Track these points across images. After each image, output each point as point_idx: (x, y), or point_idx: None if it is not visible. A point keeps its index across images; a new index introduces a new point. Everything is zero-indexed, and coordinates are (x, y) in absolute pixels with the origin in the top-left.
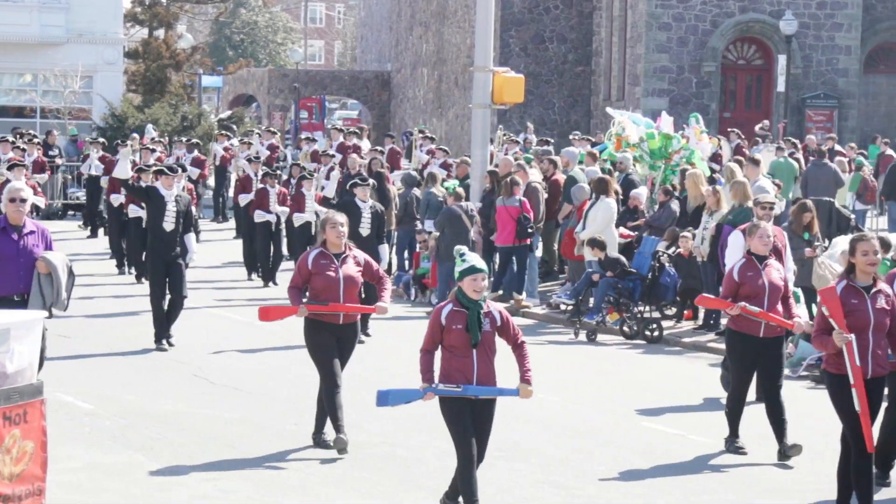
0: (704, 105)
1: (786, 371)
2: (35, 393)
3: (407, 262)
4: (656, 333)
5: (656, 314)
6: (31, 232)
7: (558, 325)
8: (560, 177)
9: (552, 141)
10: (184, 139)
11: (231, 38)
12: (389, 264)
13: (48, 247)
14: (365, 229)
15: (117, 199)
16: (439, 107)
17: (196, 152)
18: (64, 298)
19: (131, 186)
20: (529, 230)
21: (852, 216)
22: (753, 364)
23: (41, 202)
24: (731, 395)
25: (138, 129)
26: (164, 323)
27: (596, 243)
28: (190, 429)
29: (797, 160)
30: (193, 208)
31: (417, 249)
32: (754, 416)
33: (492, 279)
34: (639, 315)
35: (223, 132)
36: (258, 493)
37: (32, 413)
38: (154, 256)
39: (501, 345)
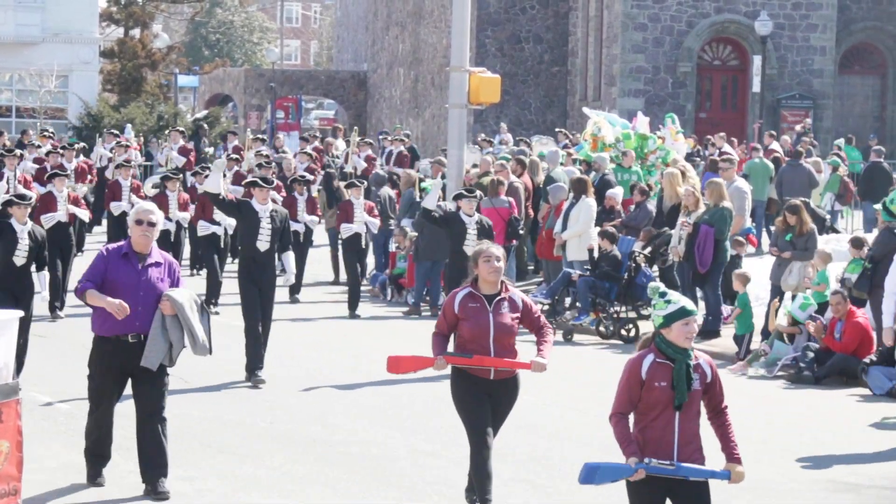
0: (680, 105)
1: (761, 371)
2: (11, 392)
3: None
4: (632, 333)
5: (632, 314)
6: (157, 263)
7: None
8: (527, 178)
9: (530, 142)
10: (180, 129)
11: (207, 38)
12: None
13: (175, 283)
14: (470, 247)
15: (118, 207)
16: (416, 107)
17: (181, 141)
18: (202, 340)
19: (222, 201)
20: (521, 231)
21: (827, 216)
22: None
23: (85, 216)
24: None
25: (116, 129)
26: (258, 352)
27: (607, 234)
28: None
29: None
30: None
31: (393, 249)
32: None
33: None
34: (615, 315)
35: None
36: (234, 491)
37: (8, 413)
38: (246, 279)
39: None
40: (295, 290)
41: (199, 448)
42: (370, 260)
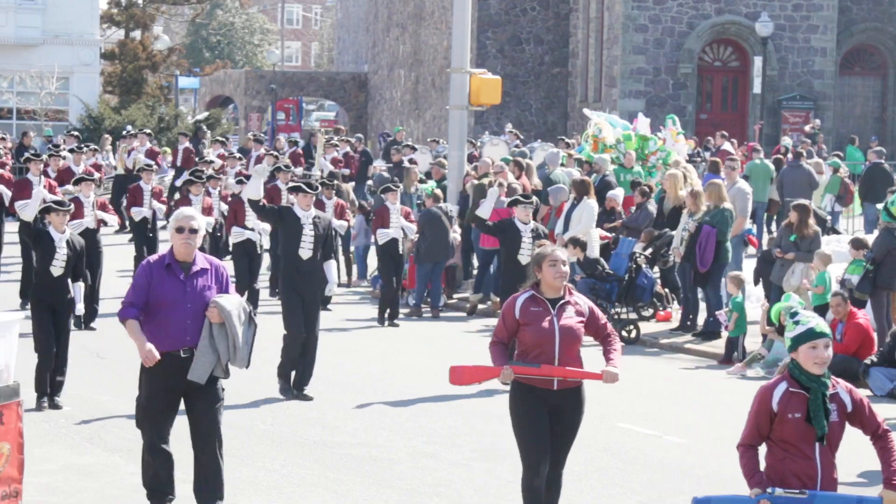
0: (681, 107)
1: (762, 372)
2: (11, 394)
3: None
4: (633, 335)
5: (633, 315)
6: (203, 270)
7: None
8: (525, 180)
9: (535, 145)
10: (146, 131)
11: (208, 40)
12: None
13: (223, 288)
14: (525, 255)
15: (139, 212)
16: (416, 108)
17: (148, 144)
18: (244, 353)
19: (262, 208)
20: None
21: (828, 217)
22: None
23: (114, 221)
24: None
25: (115, 131)
26: (299, 369)
27: (577, 242)
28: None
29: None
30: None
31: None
32: (721, 416)
33: (472, 280)
34: (616, 316)
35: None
36: (234, 493)
37: (9, 415)
38: (289, 289)
39: None
40: (327, 298)
41: None
42: (371, 261)
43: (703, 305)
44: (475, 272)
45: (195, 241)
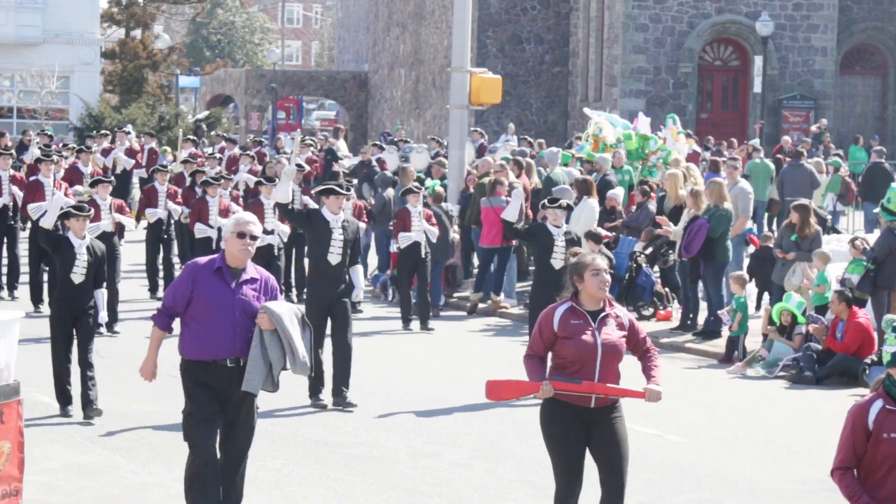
0: (681, 106)
1: (762, 372)
2: (12, 393)
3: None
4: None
5: (633, 315)
6: (253, 279)
7: None
8: (526, 179)
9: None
10: (126, 130)
11: (208, 39)
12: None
13: (272, 299)
14: (558, 261)
15: (154, 213)
16: (417, 107)
17: (128, 143)
18: (303, 357)
19: (291, 211)
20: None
21: (829, 217)
22: None
23: (131, 223)
24: None
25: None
26: (334, 379)
27: (592, 236)
28: (167, 429)
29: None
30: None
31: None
32: (721, 416)
33: (472, 280)
34: None
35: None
36: None
37: (9, 413)
38: (316, 295)
39: None
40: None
41: None
42: (372, 261)
43: (703, 305)
44: (475, 271)
45: (253, 248)
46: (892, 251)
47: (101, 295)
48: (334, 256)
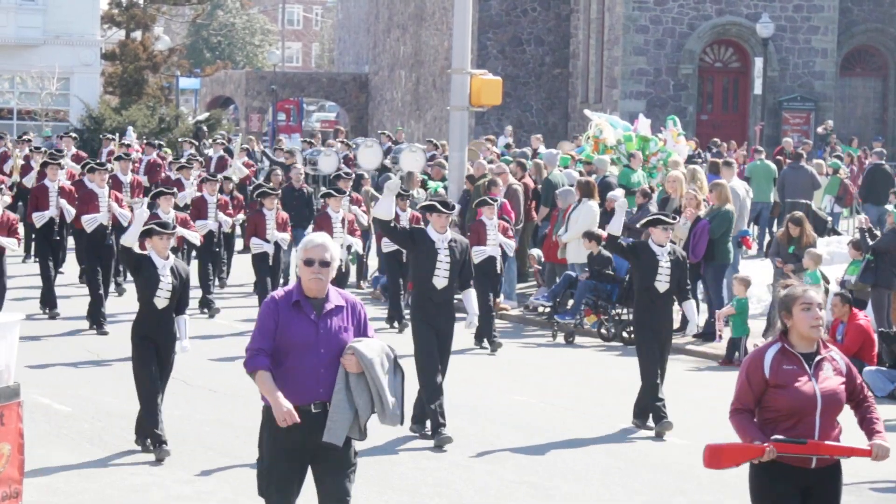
0: (682, 107)
1: None
2: (12, 395)
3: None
4: (634, 336)
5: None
6: (338, 308)
7: (536, 328)
8: (529, 180)
9: (538, 144)
10: (109, 136)
11: (208, 40)
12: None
13: (362, 330)
14: (662, 283)
15: (204, 225)
16: (417, 109)
17: (111, 146)
18: (392, 406)
19: (393, 229)
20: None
21: (829, 219)
22: None
23: (196, 238)
24: None
25: (117, 132)
26: (440, 410)
27: (593, 236)
28: (167, 430)
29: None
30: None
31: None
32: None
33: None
34: (616, 317)
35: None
36: (235, 494)
37: (9, 415)
38: (421, 322)
39: None
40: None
41: (200, 450)
42: (372, 262)
43: (704, 307)
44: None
45: (327, 276)
46: (892, 249)
47: (184, 321)
48: (440, 280)
